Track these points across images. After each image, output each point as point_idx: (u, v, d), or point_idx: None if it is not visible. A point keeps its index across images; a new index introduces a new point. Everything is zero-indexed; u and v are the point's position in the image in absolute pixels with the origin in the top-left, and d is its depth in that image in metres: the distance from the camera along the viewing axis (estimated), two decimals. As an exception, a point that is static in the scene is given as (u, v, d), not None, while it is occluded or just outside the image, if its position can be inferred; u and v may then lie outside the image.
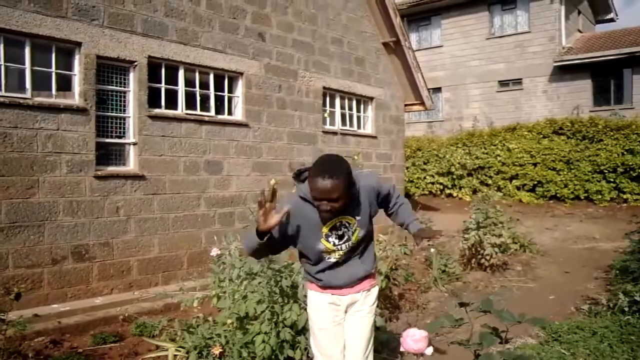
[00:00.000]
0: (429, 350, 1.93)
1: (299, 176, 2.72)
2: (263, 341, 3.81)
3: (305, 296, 3.04)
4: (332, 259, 2.74)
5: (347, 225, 2.69)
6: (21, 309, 5.64)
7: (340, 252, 2.72)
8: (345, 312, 2.85)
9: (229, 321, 3.78)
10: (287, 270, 3.95)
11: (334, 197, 2.45)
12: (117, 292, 6.42)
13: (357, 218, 2.70)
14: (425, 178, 16.78)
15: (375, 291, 2.92)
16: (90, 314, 5.67)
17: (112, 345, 4.79)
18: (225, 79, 7.95)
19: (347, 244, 2.71)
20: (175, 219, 7.12)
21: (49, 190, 5.89)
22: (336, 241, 2.69)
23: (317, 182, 2.43)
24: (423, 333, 1.91)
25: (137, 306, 5.89)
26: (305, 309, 3.16)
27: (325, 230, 2.67)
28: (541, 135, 15.15)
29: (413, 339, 1.90)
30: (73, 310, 5.73)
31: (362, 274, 2.82)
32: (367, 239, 2.82)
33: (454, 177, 16.23)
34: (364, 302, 2.85)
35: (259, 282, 3.81)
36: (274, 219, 2.42)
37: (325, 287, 2.80)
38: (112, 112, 6.60)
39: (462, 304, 2.31)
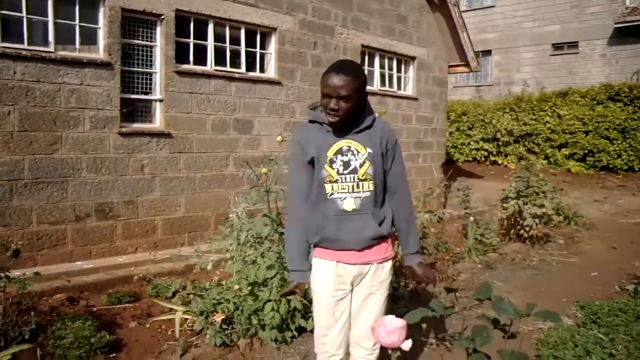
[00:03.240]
0: (407, 345, 1.60)
1: (313, 108, 2.60)
2: (272, 309, 3.61)
3: None
4: (337, 198, 2.45)
5: (354, 152, 2.46)
6: (46, 264, 5.67)
7: (344, 187, 2.44)
8: (352, 286, 2.54)
9: (236, 287, 3.58)
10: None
11: (343, 93, 2.35)
12: (141, 251, 6.34)
13: (368, 150, 2.47)
14: (469, 144, 16.14)
15: (388, 266, 2.58)
16: (111, 272, 5.60)
17: (127, 305, 4.70)
18: (258, 34, 7.63)
19: (352, 176, 2.44)
20: (203, 178, 6.96)
21: (72, 146, 5.79)
22: (340, 168, 2.44)
23: (328, 76, 2.37)
24: (399, 323, 1.58)
25: (158, 266, 5.79)
26: None
27: (330, 154, 2.45)
28: (595, 102, 14.22)
29: (385, 329, 1.57)
30: (96, 268, 5.68)
31: (372, 234, 2.47)
32: (379, 189, 2.51)
33: (500, 143, 15.54)
34: (373, 279, 2.53)
35: (269, 247, 3.58)
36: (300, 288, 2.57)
37: (328, 245, 2.49)
38: (137, 67, 6.41)
39: (449, 290, 1.98)
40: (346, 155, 2.45)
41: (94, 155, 5.95)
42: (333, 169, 2.44)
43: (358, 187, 2.45)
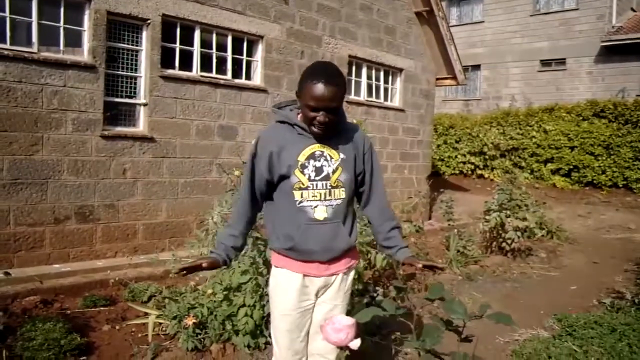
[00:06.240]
0: (355, 344, 1.56)
1: (279, 107, 2.44)
2: (246, 314, 3.58)
3: None
4: (307, 206, 2.29)
5: (327, 158, 2.31)
6: (23, 266, 5.60)
7: (316, 195, 2.28)
8: (316, 297, 2.44)
9: (209, 291, 3.55)
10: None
11: (333, 105, 2.18)
12: (120, 255, 6.29)
13: (342, 156, 2.33)
14: (456, 157, 16.23)
15: (352, 275, 2.52)
16: (88, 275, 5.54)
17: (102, 308, 4.64)
18: (244, 41, 7.64)
19: (324, 183, 2.29)
20: (185, 184, 6.93)
21: (53, 148, 5.75)
22: (312, 174, 2.27)
23: (319, 87, 2.14)
24: (348, 321, 1.56)
25: (137, 271, 5.74)
26: None
27: (301, 158, 2.28)
28: (581, 118, 14.37)
29: (333, 327, 1.55)
30: (73, 271, 5.61)
31: (343, 245, 2.36)
32: (350, 197, 2.39)
33: (487, 157, 15.64)
34: (339, 289, 2.45)
35: (244, 252, 3.56)
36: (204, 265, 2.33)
37: (295, 256, 2.34)
38: (122, 71, 6.39)
39: (398, 289, 1.97)
40: (319, 160, 2.29)
41: (75, 157, 5.90)
42: (304, 174, 2.27)
43: (330, 194, 2.31)
